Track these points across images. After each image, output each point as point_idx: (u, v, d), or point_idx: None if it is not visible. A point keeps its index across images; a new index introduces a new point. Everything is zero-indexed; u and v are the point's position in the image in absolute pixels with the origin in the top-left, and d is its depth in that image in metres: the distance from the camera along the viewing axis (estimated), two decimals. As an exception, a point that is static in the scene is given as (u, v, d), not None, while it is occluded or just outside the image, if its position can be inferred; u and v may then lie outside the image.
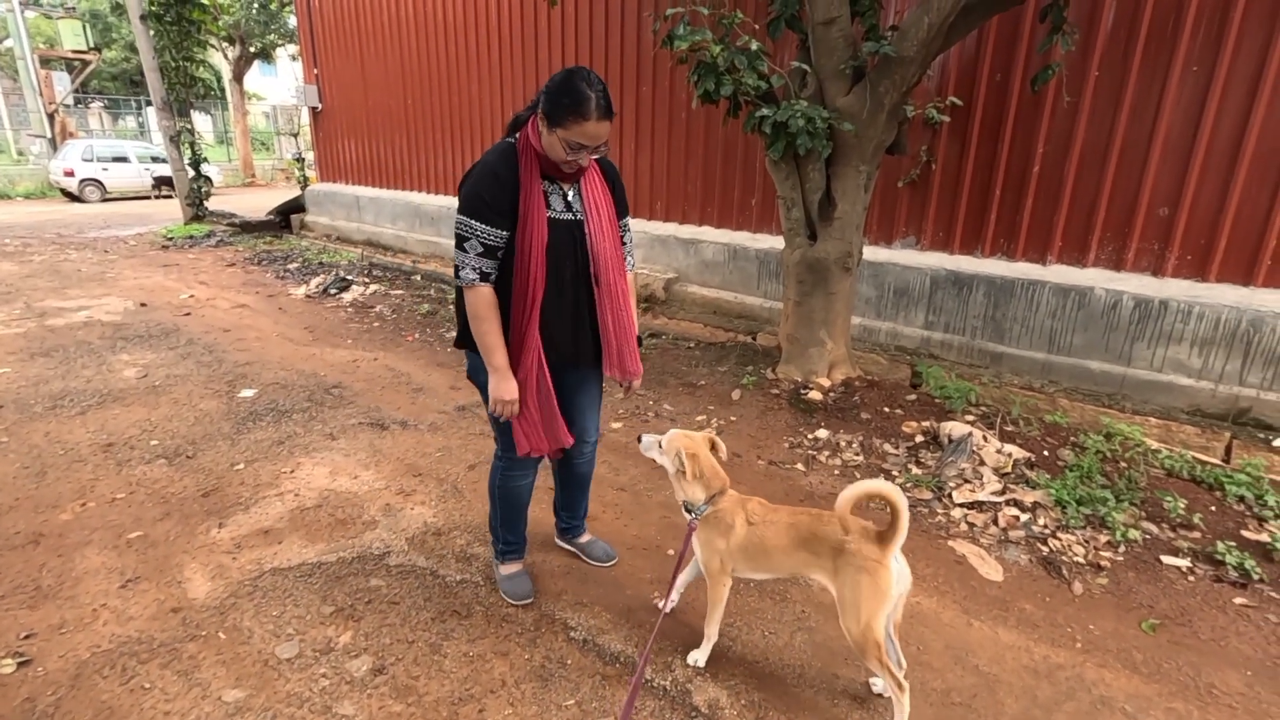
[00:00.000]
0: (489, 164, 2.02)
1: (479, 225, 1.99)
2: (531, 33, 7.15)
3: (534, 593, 2.50)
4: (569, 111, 1.89)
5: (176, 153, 11.12)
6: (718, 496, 2.09)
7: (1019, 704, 2.08)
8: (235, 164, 23.07)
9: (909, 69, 3.64)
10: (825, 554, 1.91)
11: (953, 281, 4.83)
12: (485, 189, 1.99)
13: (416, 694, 2.07)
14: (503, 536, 2.52)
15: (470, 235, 2.00)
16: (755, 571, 2.09)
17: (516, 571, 2.54)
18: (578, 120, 1.89)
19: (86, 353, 5.13)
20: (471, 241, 2.00)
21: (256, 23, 20.20)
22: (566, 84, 1.90)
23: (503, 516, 2.47)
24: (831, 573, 1.91)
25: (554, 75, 1.96)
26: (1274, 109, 3.72)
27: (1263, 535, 2.85)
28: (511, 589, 2.49)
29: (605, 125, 1.94)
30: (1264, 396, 3.89)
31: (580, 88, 1.88)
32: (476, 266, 2.01)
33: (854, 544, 1.86)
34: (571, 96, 1.88)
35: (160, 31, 10.63)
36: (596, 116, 1.90)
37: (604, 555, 2.74)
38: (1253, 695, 2.14)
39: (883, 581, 1.82)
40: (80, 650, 2.21)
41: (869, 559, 1.83)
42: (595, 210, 2.15)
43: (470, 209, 2.00)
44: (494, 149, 2.06)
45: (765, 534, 2.01)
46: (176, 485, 3.25)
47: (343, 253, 9.39)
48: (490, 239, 2.00)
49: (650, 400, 4.39)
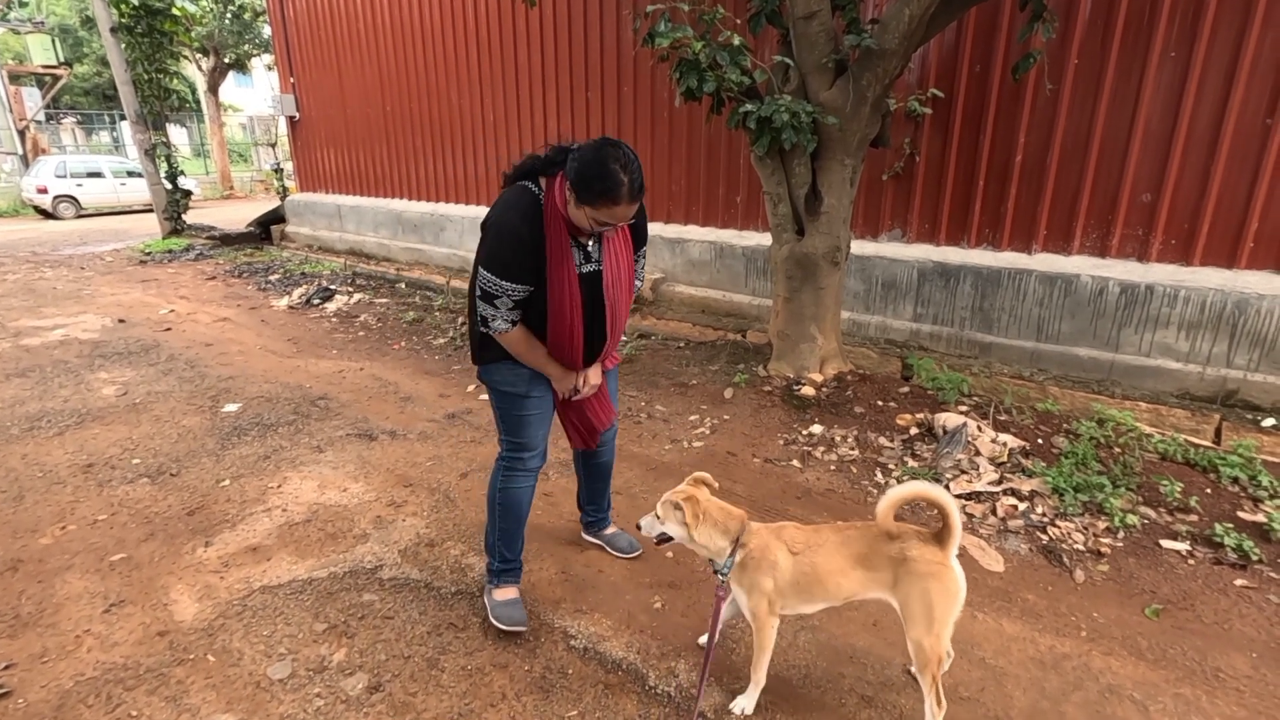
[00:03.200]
0: (513, 226, 1.96)
1: (507, 284, 1.99)
2: (510, 35, 7.10)
3: (528, 619, 2.34)
4: (600, 196, 1.85)
5: (152, 166, 10.95)
6: (742, 536, 1.88)
7: (1027, 696, 2.06)
8: (213, 176, 22.81)
9: (891, 62, 3.63)
10: (884, 567, 1.80)
11: (940, 273, 4.83)
12: (512, 252, 1.96)
13: (414, 711, 2.01)
14: (499, 553, 2.38)
15: (500, 294, 2.00)
16: (809, 604, 1.89)
17: (511, 598, 2.38)
18: (608, 205, 1.86)
19: (64, 372, 5.01)
20: (501, 299, 2.01)
21: (230, 33, 19.97)
22: (600, 166, 1.83)
23: (501, 528, 2.36)
24: (891, 586, 1.79)
25: (586, 148, 1.88)
26: (1251, 92, 3.75)
27: (1259, 516, 2.85)
28: (507, 614, 2.32)
29: (635, 206, 1.91)
30: (1251, 378, 3.92)
31: (614, 172, 1.82)
32: (508, 319, 2.05)
33: (914, 550, 1.75)
34: (604, 182, 1.83)
35: (132, 44, 10.48)
36: (628, 201, 1.86)
37: (628, 546, 2.75)
38: (1259, 677, 2.13)
39: (951, 585, 1.73)
40: (63, 679, 2.13)
41: (933, 563, 1.73)
42: (614, 260, 2.12)
43: (498, 269, 1.97)
44: (516, 201, 1.99)
45: (816, 560, 1.84)
46: (160, 504, 3.17)
47: (325, 263, 9.28)
48: (519, 294, 2.02)
49: (642, 402, 4.35)
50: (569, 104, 6.77)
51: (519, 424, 2.27)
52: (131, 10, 10.45)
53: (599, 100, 6.50)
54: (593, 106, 6.58)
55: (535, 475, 2.37)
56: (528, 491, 2.36)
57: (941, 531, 1.77)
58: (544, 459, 2.37)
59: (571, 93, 6.71)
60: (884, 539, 1.81)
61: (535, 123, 7.16)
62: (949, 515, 1.73)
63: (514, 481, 2.33)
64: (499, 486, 2.33)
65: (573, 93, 6.70)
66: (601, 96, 6.46)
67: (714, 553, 1.91)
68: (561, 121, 6.88)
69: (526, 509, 2.39)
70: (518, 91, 7.22)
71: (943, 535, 1.76)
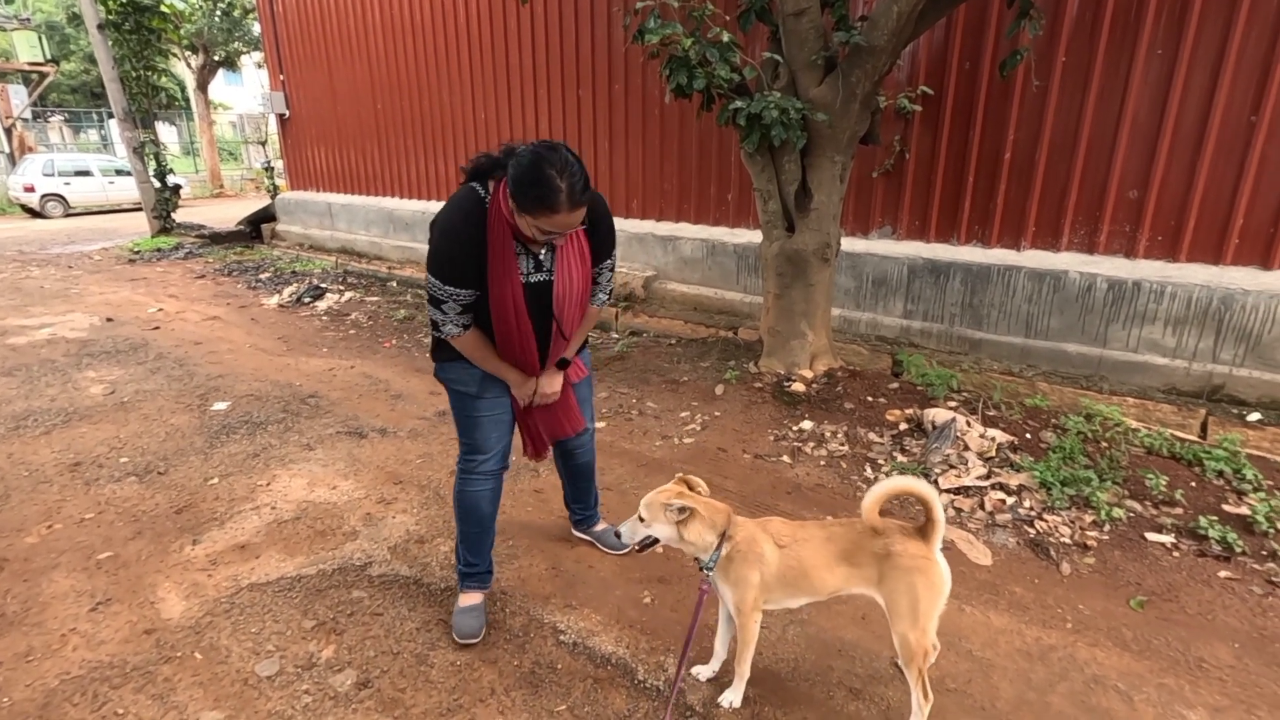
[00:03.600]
0: (454, 229, 1.90)
1: (451, 289, 1.93)
2: (501, 33, 7.08)
3: (483, 630, 2.27)
4: (537, 203, 1.74)
5: (141, 165, 10.87)
6: (729, 529, 1.87)
7: (1014, 687, 2.07)
8: (203, 175, 22.64)
9: (880, 58, 3.64)
10: (868, 563, 1.80)
11: (930, 270, 4.85)
12: (452, 254, 1.90)
13: (404, 706, 2.01)
14: (462, 556, 2.34)
15: (445, 298, 1.95)
16: (793, 599, 1.91)
17: (472, 605, 2.32)
18: (547, 213, 1.76)
19: (51, 371, 4.97)
20: (448, 304, 1.96)
21: (219, 30, 19.83)
22: (535, 172, 1.72)
23: (461, 530, 2.32)
24: (876, 581, 1.79)
25: (523, 153, 1.76)
26: (1236, 88, 3.78)
27: (1242, 508, 2.88)
28: (460, 624, 2.26)
29: (580, 212, 1.80)
30: (1236, 373, 3.95)
31: (550, 178, 1.71)
32: (458, 322, 2.00)
33: (898, 545, 1.76)
34: (540, 188, 1.72)
35: (119, 41, 10.40)
36: (569, 208, 1.75)
37: (618, 543, 2.73)
38: (1241, 667, 2.15)
39: (936, 578, 1.74)
40: (48, 678, 2.12)
41: (917, 557, 1.74)
42: (567, 271, 2.03)
43: (440, 273, 1.92)
44: (460, 203, 1.91)
45: (802, 554, 1.84)
46: (148, 503, 3.15)
47: (316, 261, 9.23)
48: (465, 299, 1.96)
49: (634, 399, 4.36)
50: (560, 102, 6.76)
51: (471, 425, 2.22)
52: (119, 7, 10.37)
53: (590, 98, 6.49)
54: (584, 104, 6.57)
55: (493, 479, 2.29)
56: (486, 495, 2.28)
57: (925, 526, 1.77)
58: (503, 463, 2.31)
59: (563, 90, 6.70)
60: (869, 535, 1.81)
61: (526, 120, 7.15)
62: (932, 509, 1.74)
63: (469, 484, 2.27)
64: (456, 489, 2.30)
65: (564, 90, 6.69)
66: (593, 94, 6.45)
67: (701, 549, 1.89)
68: (553, 119, 6.88)
69: (488, 513, 2.31)
70: (509, 89, 7.21)
71: (926, 529, 1.77)
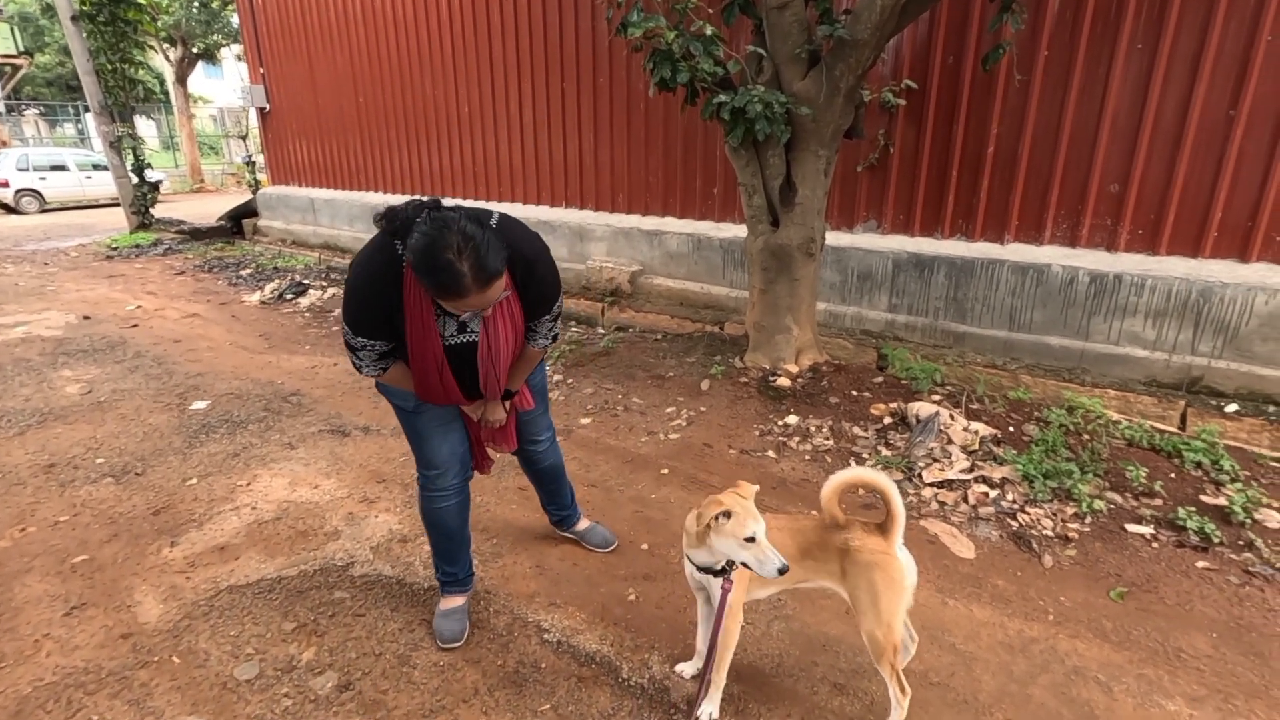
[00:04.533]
0: (360, 286, 1.77)
1: (363, 339, 1.83)
2: (484, 25, 7.01)
3: (466, 634, 2.25)
4: (440, 291, 1.60)
5: (118, 159, 10.68)
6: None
7: (996, 680, 2.09)
8: (182, 169, 22.30)
9: (863, 52, 3.64)
10: (831, 558, 1.79)
11: (914, 264, 4.86)
12: (365, 308, 1.78)
13: (386, 708, 1.99)
14: (440, 566, 2.33)
15: (359, 346, 1.85)
16: (762, 589, 1.91)
17: (453, 608, 2.30)
18: (454, 299, 1.62)
19: (25, 370, 4.88)
20: (364, 351, 1.86)
21: (197, 22, 19.49)
22: (429, 260, 1.54)
23: (433, 543, 2.30)
24: (840, 576, 1.79)
25: (415, 235, 1.57)
26: (1215, 83, 3.81)
27: (1220, 499, 2.92)
28: (442, 628, 2.24)
29: (493, 289, 1.63)
30: (1214, 365, 4.00)
31: (446, 265, 1.53)
32: (375, 366, 1.92)
33: (857, 540, 1.75)
34: (437, 276, 1.56)
35: (94, 33, 10.18)
36: (477, 290, 1.58)
37: (602, 541, 2.72)
38: (1219, 656, 2.18)
39: (895, 573, 1.72)
40: (21, 685, 2.08)
41: (875, 552, 1.73)
42: (494, 333, 1.91)
43: (353, 324, 1.81)
44: (370, 258, 1.77)
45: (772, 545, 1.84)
46: (125, 504, 3.10)
47: (298, 257, 9.12)
48: (382, 347, 1.87)
49: (619, 395, 4.34)
50: (544, 95, 6.71)
51: (419, 440, 2.15)
52: (93, -2, 10.15)
53: (574, 91, 6.44)
54: (568, 97, 6.52)
55: (454, 492, 2.21)
56: (451, 510, 2.22)
57: (885, 520, 1.76)
58: (464, 474, 2.23)
59: (547, 84, 6.64)
60: (832, 529, 1.79)
61: (510, 114, 7.09)
62: (891, 501, 1.72)
63: (432, 502, 2.21)
64: (420, 506, 2.26)
65: (548, 84, 6.64)
66: (577, 87, 6.41)
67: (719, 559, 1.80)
68: (536, 112, 6.82)
69: (456, 526, 2.26)
70: (492, 83, 7.14)
71: (886, 524, 1.75)
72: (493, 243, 1.60)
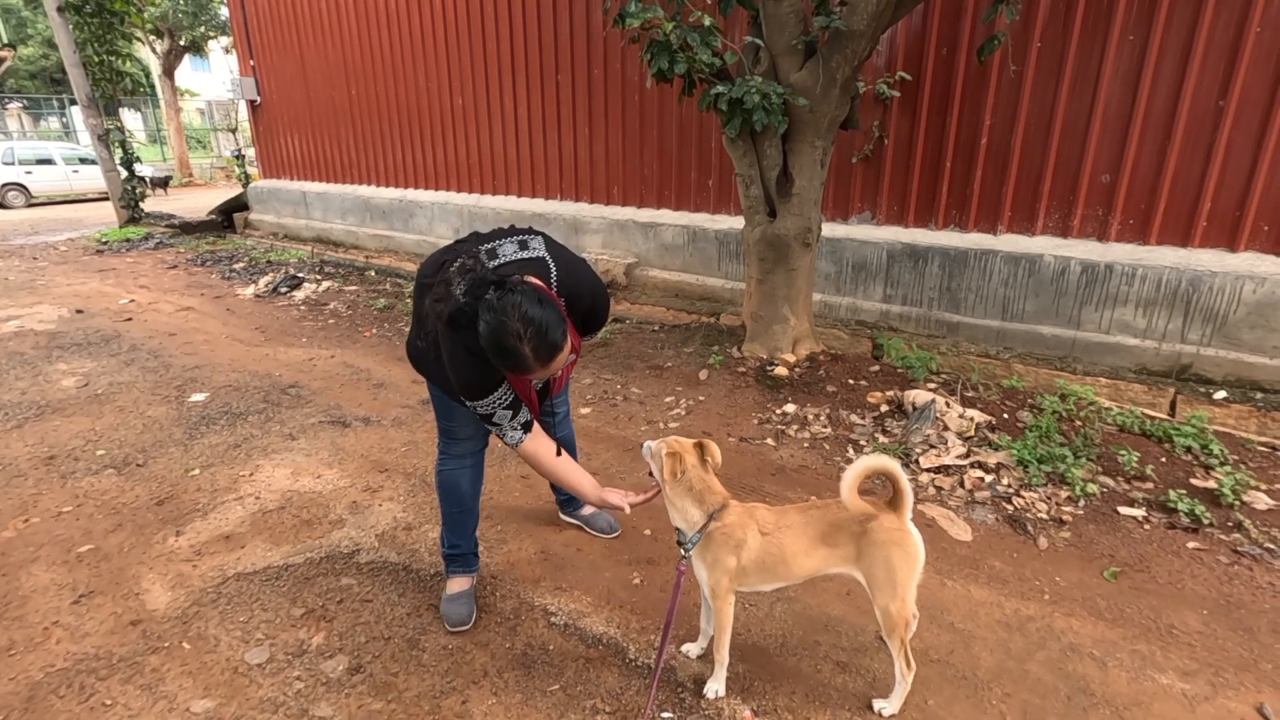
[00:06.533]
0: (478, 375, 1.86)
1: (491, 396, 1.90)
2: (478, 17, 6.99)
3: (474, 617, 2.28)
4: (513, 370, 1.76)
5: (106, 153, 10.57)
6: (719, 512, 1.87)
7: (994, 657, 2.14)
8: (171, 163, 22.08)
9: (859, 43, 3.67)
10: (846, 542, 1.83)
11: (909, 254, 4.91)
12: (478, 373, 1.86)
13: (396, 690, 2.02)
14: (445, 538, 2.36)
15: (492, 409, 1.92)
16: (769, 583, 1.93)
17: (460, 591, 2.33)
18: (524, 374, 1.77)
19: (19, 364, 4.85)
20: (497, 413, 1.93)
21: (185, 14, 19.29)
22: (497, 347, 1.68)
23: (444, 511, 2.34)
24: (854, 559, 1.83)
25: (483, 327, 1.67)
26: (1205, 74, 3.87)
27: (1210, 482, 2.98)
28: (449, 611, 2.27)
29: (558, 359, 1.75)
30: (1203, 352, 4.07)
31: (512, 350, 1.67)
32: (516, 424, 1.97)
33: (873, 521, 1.79)
34: (507, 360, 1.71)
35: (80, 24, 10.04)
36: (543, 364, 1.72)
37: (607, 527, 2.77)
38: (1209, 633, 2.24)
39: (911, 548, 1.77)
40: (32, 671, 2.09)
41: (892, 530, 1.77)
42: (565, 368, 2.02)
43: (475, 393, 1.89)
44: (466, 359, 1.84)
45: (784, 541, 1.85)
46: (128, 495, 3.11)
47: (291, 250, 9.08)
48: (509, 395, 1.93)
49: (618, 384, 4.37)
50: (539, 87, 6.70)
51: (449, 415, 2.24)
52: (79, -11, 10.02)
53: (569, 83, 6.44)
54: (563, 90, 6.52)
55: (471, 459, 2.30)
56: (465, 475, 2.29)
57: (894, 498, 1.81)
58: (481, 443, 2.31)
59: (541, 76, 6.64)
60: (846, 515, 1.82)
61: (505, 106, 7.08)
62: (898, 481, 1.77)
63: (447, 464, 2.29)
64: (436, 470, 2.33)
65: (542, 76, 6.63)
66: (572, 80, 6.41)
67: (685, 521, 1.89)
68: (531, 104, 6.82)
69: (468, 493, 2.32)
70: (486, 75, 7.12)
71: (895, 502, 1.81)
72: (552, 321, 1.69)
